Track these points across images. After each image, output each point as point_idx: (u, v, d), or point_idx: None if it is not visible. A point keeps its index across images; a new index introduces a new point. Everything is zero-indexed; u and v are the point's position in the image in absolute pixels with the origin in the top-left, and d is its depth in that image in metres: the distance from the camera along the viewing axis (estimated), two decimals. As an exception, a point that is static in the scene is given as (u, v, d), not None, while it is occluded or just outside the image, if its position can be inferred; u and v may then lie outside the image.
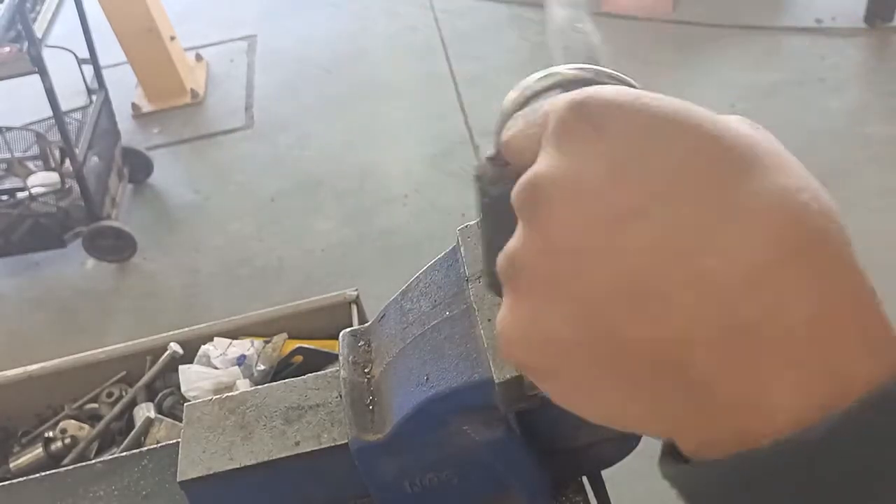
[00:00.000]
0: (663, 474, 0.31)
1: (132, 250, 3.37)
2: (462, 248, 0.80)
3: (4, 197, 3.26)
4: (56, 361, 1.59)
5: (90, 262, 3.41)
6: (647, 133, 0.28)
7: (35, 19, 2.91)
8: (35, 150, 3.23)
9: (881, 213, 2.94)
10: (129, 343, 1.63)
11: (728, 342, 0.26)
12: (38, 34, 2.87)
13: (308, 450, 0.79)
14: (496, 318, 0.34)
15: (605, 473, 0.92)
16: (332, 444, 0.79)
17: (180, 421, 0.84)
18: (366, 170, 3.65)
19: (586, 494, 0.90)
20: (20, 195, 3.20)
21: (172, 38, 4.21)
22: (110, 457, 1.12)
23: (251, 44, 4.70)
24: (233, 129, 4.08)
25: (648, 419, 0.30)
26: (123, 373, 1.62)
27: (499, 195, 0.40)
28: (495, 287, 0.44)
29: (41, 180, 3.21)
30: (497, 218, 0.40)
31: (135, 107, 4.24)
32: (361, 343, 0.86)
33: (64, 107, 3.09)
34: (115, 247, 3.34)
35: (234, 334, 1.61)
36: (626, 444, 0.88)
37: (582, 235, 0.28)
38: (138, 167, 3.75)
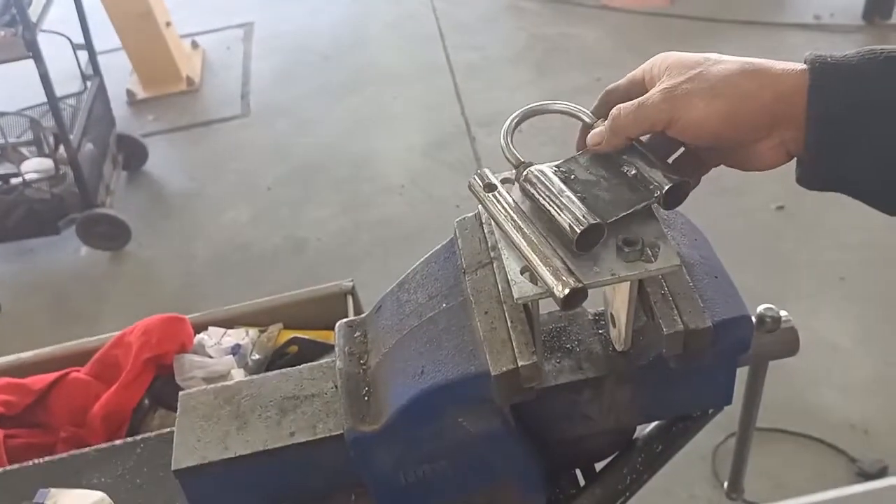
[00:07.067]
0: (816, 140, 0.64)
1: (126, 238, 3.35)
2: (459, 240, 0.80)
3: (-2, 183, 3.25)
4: (50, 349, 1.59)
5: (84, 249, 3.40)
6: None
7: (30, 4, 2.88)
8: (29, 135, 3.21)
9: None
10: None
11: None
12: (33, 19, 2.85)
13: (303, 440, 0.79)
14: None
15: (602, 470, 0.92)
16: (328, 435, 0.79)
17: (175, 410, 0.84)
18: (363, 159, 3.64)
19: (580, 486, 0.90)
20: (14, 181, 3.18)
21: (168, 25, 4.18)
22: (104, 445, 1.12)
23: (248, 31, 4.67)
24: (229, 116, 4.06)
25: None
26: (118, 360, 1.62)
27: None
28: None
29: (35, 166, 3.19)
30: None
31: (130, 93, 4.22)
32: (357, 334, 0.86)
33: (58, 92, 3.07)
34: (108, 234, 3.33)
35: (229, 323, 1.61)
36: (618, 437, 0.88)
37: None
38: (133, 154, 3.72)
